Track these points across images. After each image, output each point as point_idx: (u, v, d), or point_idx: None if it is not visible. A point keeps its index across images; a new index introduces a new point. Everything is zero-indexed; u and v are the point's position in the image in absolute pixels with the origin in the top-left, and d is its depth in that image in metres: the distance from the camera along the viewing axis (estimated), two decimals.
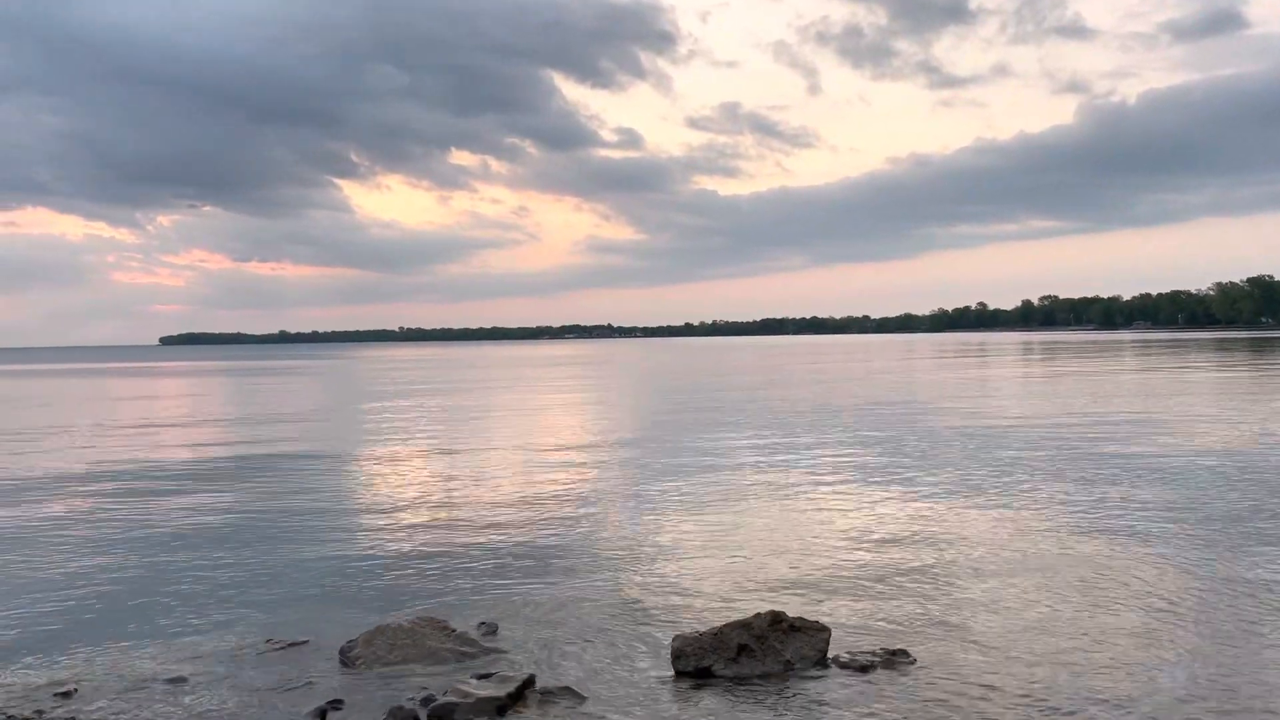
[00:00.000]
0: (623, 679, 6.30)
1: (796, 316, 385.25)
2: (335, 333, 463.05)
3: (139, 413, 32.41)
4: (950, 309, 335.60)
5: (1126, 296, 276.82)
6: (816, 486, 13.76)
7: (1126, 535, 10.13)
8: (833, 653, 6.57)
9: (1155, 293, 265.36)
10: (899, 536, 10.35)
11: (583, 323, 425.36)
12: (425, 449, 19.66)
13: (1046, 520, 10.98)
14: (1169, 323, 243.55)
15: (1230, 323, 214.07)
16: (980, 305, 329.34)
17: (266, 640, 7.23)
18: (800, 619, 6.69)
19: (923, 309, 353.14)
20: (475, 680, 6.12)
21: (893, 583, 8.48)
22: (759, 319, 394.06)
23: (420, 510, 12.54)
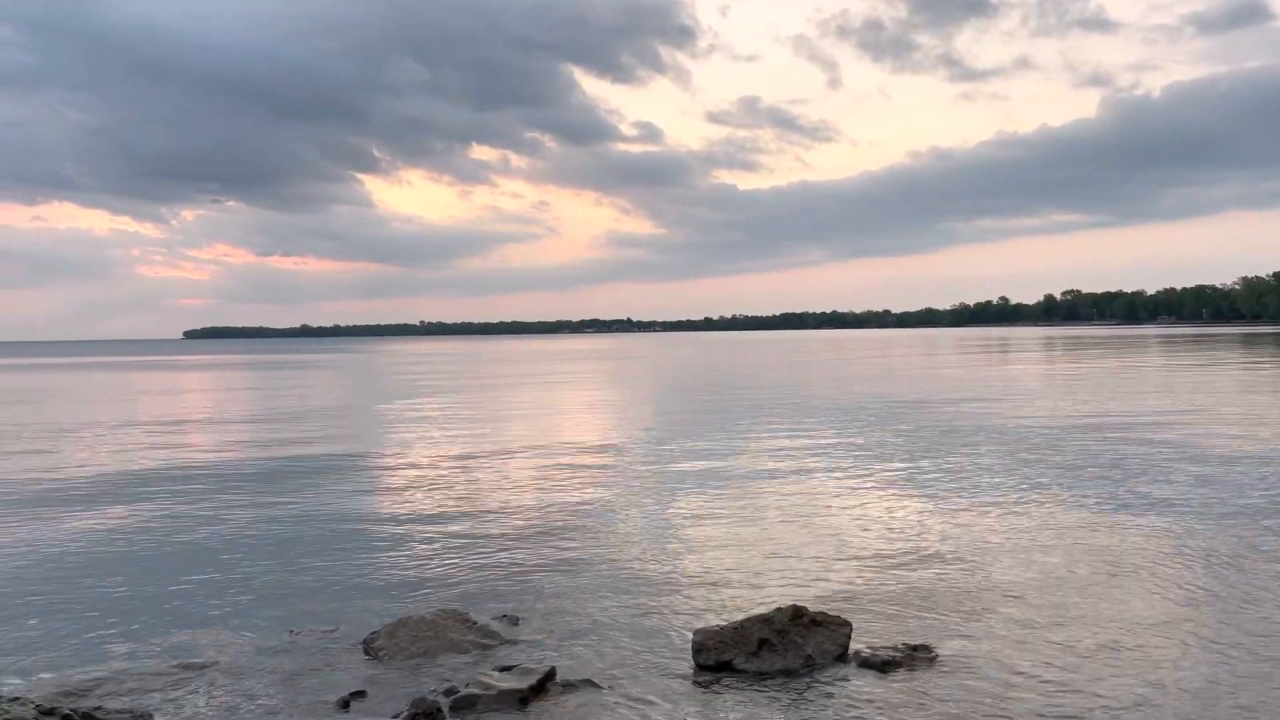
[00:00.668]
0: (643, 672, 6.32)
1: (816, 311, 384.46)
2: (356, 327, 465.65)
3: (166, 407, 32.73)
4: (971, 303, 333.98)
5: (1150, 291, 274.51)
6: (838, 481, 13.74)
7: (1153, 532, 10.06)
8: (854, 648, 6.57)
9: (1179, 287, 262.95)
10: (921, 531, 10.32)
11: (602, 317, 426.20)
12: (446, 443, 19.76)
13: (1071, 516, 10.92)
14: (1193, 318, 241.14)
15: (1256, 317, 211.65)
16: (1002, 300, 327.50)
17: (291, 631, 7.30)
18: (821, 613, 6.69)
19: (944, 303, 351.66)
20: (497, 672, 6.17)
21: (915, 578, 8.46)
22: (779, 313, 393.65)
23: (442, 503, 12.61)
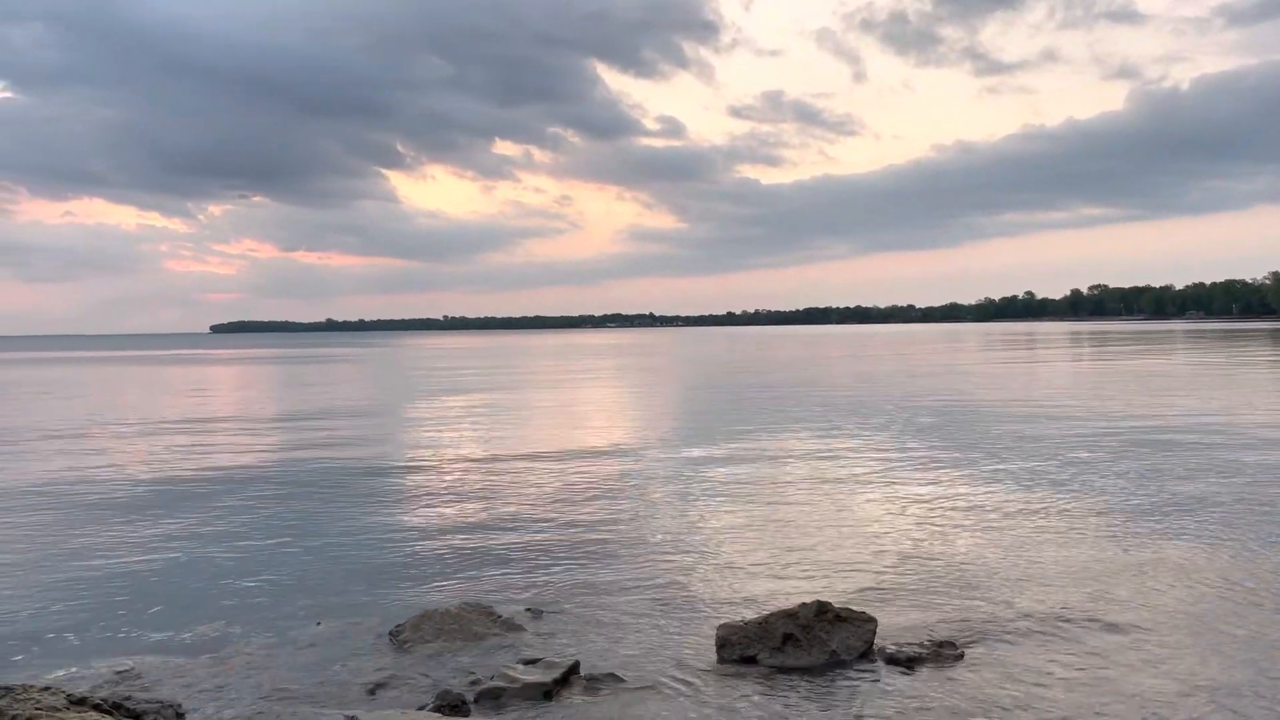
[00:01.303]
0: (667, 666, 6.32)
1: (840, 306, 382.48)
2: (380, 321, 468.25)
3: (195, 401, 33.05)
4: (997, 298, 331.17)
5: (1179, 286, 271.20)
6: (864, 477, 13.68)
7: (1181, 528, 9.95)
8: (879, 644, 6.53)
9: (1209, 282, 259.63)
10: (948, 528, 10.25)
11: (624, 311, 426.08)
12: (471, 437, 19.83)
13: (1099, 513, 10.82)
14: (1223, 312, 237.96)
15: None
16: (1028, 294, 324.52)
17: (318, 622, 7.35)
18: (846, 609, 6.66)
19: (969, 298, 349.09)
20: (521, 665, 6.18)
21: (941, 575, 8.41)
22: (802, 308, 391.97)
23: (466, 497, 12.66)
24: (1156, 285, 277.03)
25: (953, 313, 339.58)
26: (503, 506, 11.92)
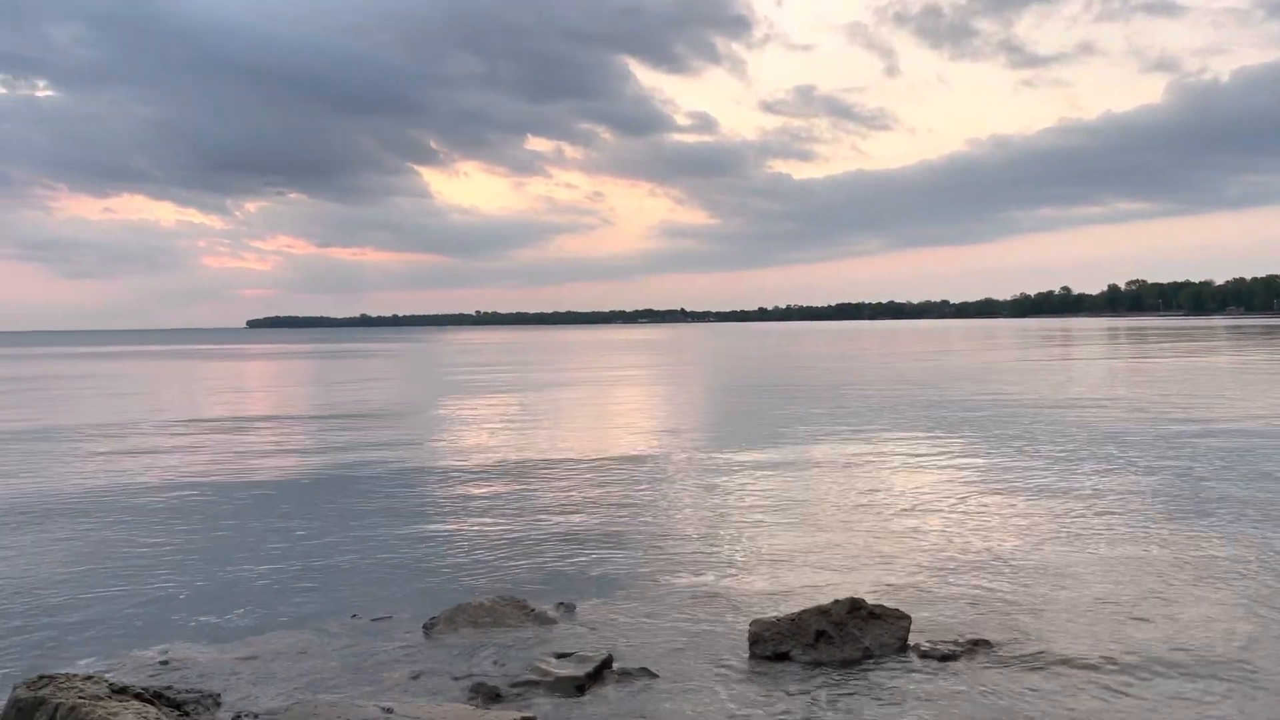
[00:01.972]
0: (700, 662, 6.32)
1: (873, 301, 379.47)
2: (413, 316, 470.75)
3: (233, 394, 33.47)
4: (1033, 294, 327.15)
5: (1219, 281, 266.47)
6: (899, 474, 13.60)
7: (1229, 530, 9.80)
8: (913, 641, 6.50)
9: (1249, 277, 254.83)
10: (985, 525, 10.17)
11: (656, 307, 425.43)
12: (503, 432, 19.93)
13: (1142, 511, 10.68)
14: (1264, 308, 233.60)
15: None
16: (1064, 290, 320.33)
17: (353, 615, 7.43)
18: (880, 606, 6.62)
19: (1004, 294, 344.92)
20: (554, 658, 6.21)
21: (976, 571, 8.34)
22: (834, 304, 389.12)
23: (500, 491, 12.73)
24: (1196, 280, 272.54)
25: (988, 308, 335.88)
26: (535, 500, 11.97)
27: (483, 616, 7.03)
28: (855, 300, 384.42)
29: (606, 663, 6.12)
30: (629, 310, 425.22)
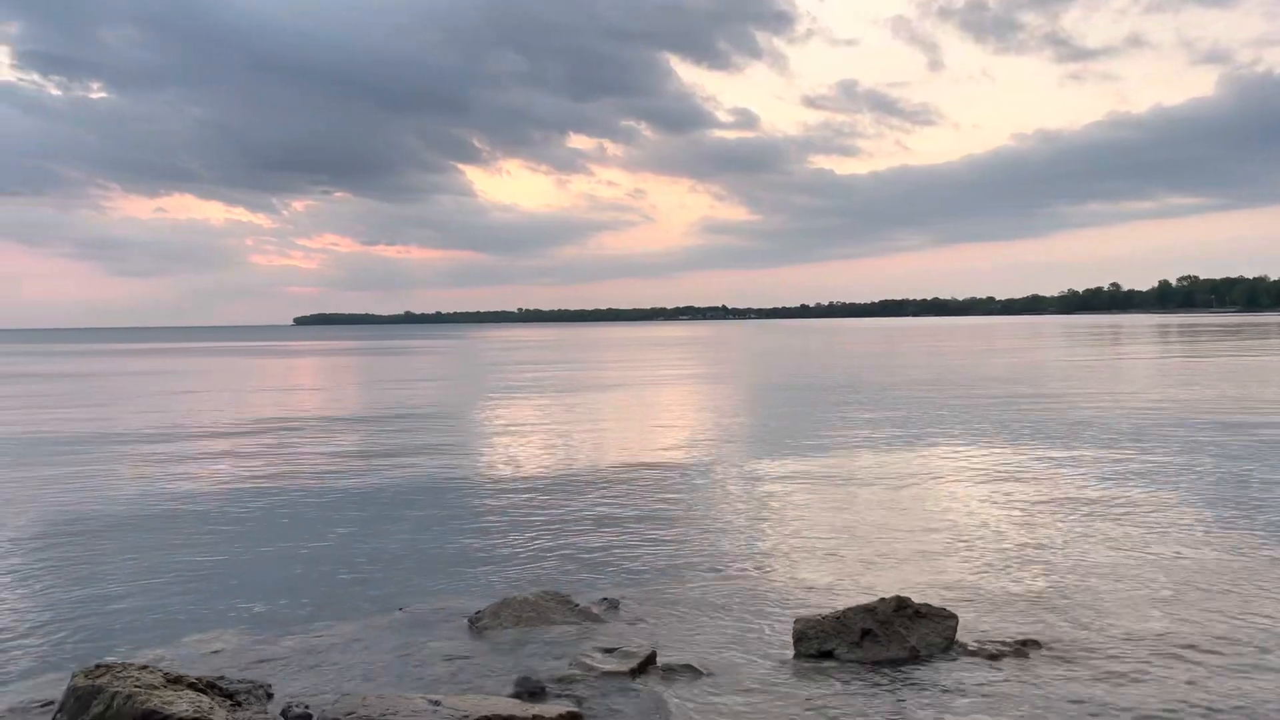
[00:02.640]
0: (744, 658, 6.31)
1: (917, 298, 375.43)
2: (456, 314, 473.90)
3: (281, 389, 33.96)
4: (1081, 290, 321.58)
5: (1273, 277, 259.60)
6: (945, 473, 13.46)
7: (1276, 530, 9.58)
8: (960, 640, 6.43)
9: None
10: (1032, 524, 10.03)
11: (697, 304, 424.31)
12: (548, 427, 20.02)
13: (1194, 512, 10.48)
14: None
15: None
16: (1113, 286, 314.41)
17: (399, 608, 7.51)
18: (926, 605, 6.56)
19: (1051, 290, 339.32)
20: (599, 653, 6.23)
21: (1024, 571, 8.24)
22: (877, 300, 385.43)
23: (544, 487, 12.79)
24: (1249, 276, 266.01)
25: (1034, 305, 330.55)
26: (579, 498, 12.01)
27: (527, 611, 7.07)
28: (898, 297, 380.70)
29: (651, 658, 6.13)
30: (670, 307, 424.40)
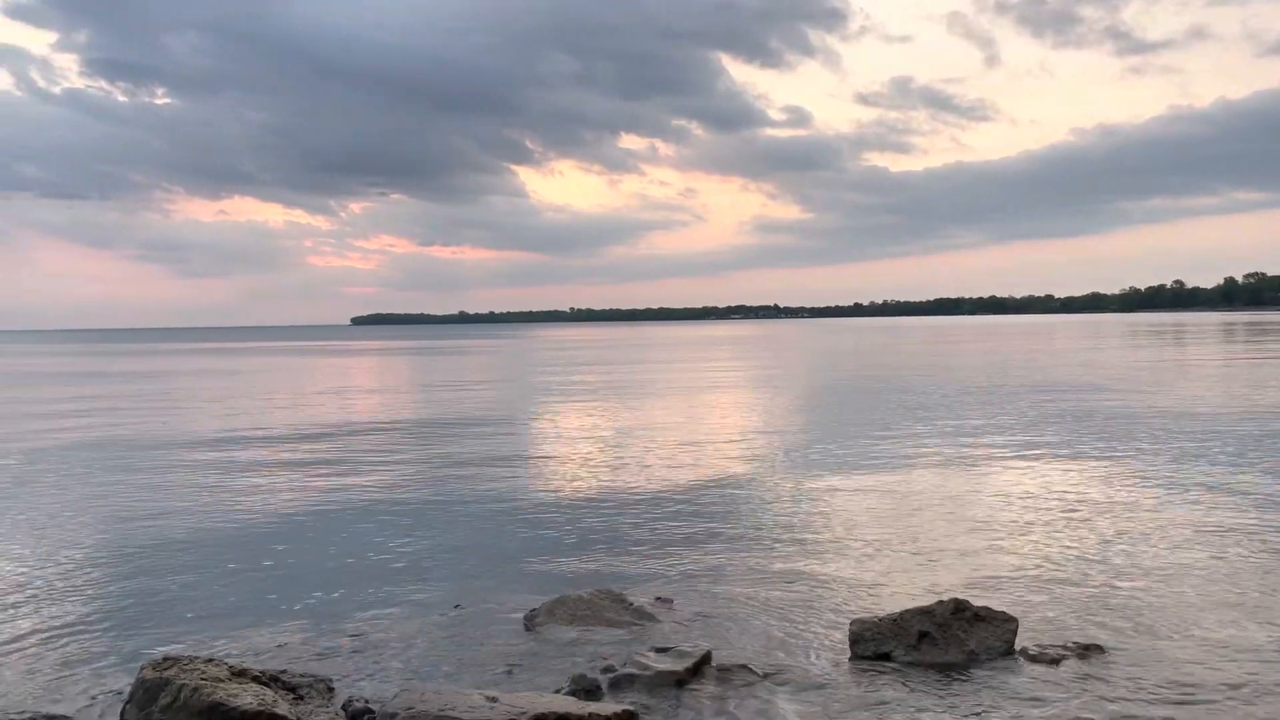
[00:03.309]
0: (799, 659, 6.27)
1: (973, 296, 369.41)
2: (509, 313, 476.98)
3: (342, 386, 34.50)
4: (1143, 288, 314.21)
5: None
6: (1006, 475, 13.25)
7: None
8: (1020, 644, 6.33)
9: None
10: (1095, 527, 9.84)
11: (749, 303, 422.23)
12: (602, 427, 20.08)
13: (1257, 515, 10.19)
14: None
15: None
16: (1177, 284, 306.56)
17: (455, 606, 7.59)
18: (985, 608, 6.47)
19: (1112, 288, 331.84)
20: (653, 653, 6.23)
21: (1086, 574, 8.08)
22: (933, 299, 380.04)
23: (599, 486, 12.84)
24: None
25: (1095, 303, 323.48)
26: (634, 497, 12.04)
27: (582, 609, 7.10)
28: (954, 295, 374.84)
29: (706, 658, 6.12)
30: (721, 306, 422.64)
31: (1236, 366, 36.62)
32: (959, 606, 6.40)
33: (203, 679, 5.02)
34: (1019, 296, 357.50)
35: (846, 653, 6.32)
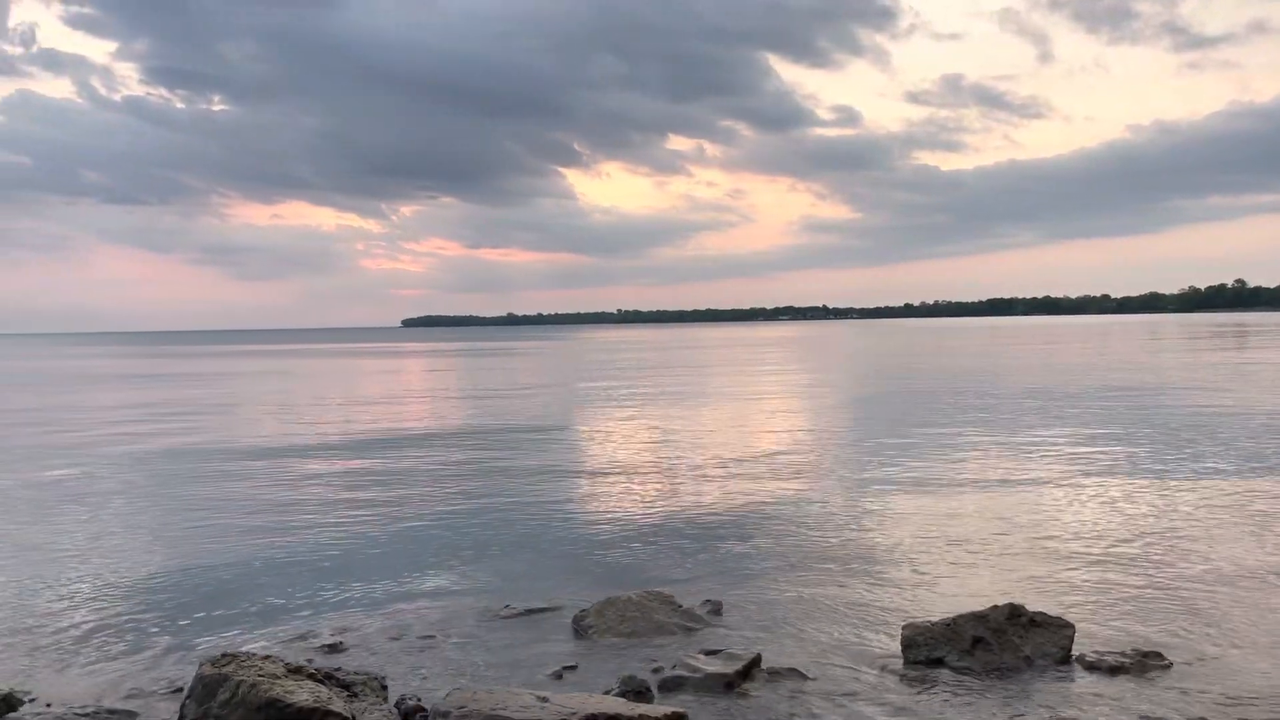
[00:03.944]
0: (850, 664, 6.22)
1: (1027, 296, 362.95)
2: (557, 315, 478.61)
3: (392, 387, 34.93)
4: (1202, 287, 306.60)
5: None
6: (1061, 479, 13.02)
7: None
8: (1077, 651, 6.21)
9: None
10: (1149, 530, 9.63)
11: (797, 304, 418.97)
12: (651, 429, 20.09)
13: None
14: None
15: None
16: (1238, 283, 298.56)
17: (505, 605, 7.63)
18: (1041, 614, 6.36)
19: (1170, 287, 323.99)
20: (703, 655, 6.22)
21: (1145, 580, 7.91)
22: (985, 299, 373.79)
23: (648, 489, 12.85)
24: None
25: (1152, 303, 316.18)
26: (683, 500, 12.02)
27: (631, 610, 7.10)
28: (1007, 295, 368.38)
29: (755, 662, 6.09)
30: (769, 307, 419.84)
31: None
32: (1014, 611, 6.30)
33: (260, 675, 5.10)
34: (1074, 297, 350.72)
35: (898, 658, 6.26)
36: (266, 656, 5.47)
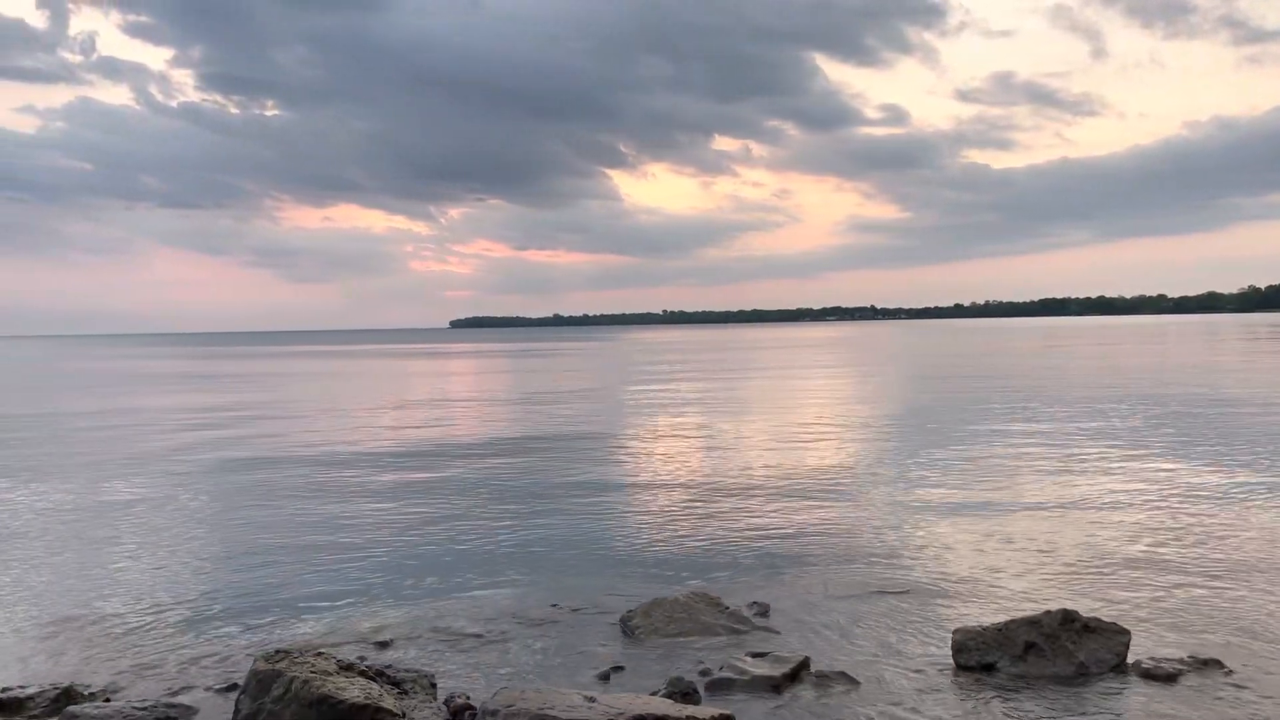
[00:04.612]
0: (900, 668, 6.15)
1: (1080, 296, 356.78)
2: (603, 316, 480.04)
3: (442, 387, 35.27)
4: (1263, 286, 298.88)
5: None
6: (1117, 484, 12.78)
7: None
8: (1133, 658, 6.09)
9: None
10: (1212, 535, 9.41)
11: (844, 304, 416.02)
12: (699, 429, 20.06)
13: None
14: None
15: None
16: None
17: (552, 605, 7.67)
18: (1095, 619, 6.24)
19: (1229, 287, 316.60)
20: (750, 658, 6.19)
21: (1204, 587, 7.72)
22: (1037, 299, 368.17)
23: (695, 489, 12.83)
24: None
25: (1210, 303, 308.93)
26: (730, 502, 11.99)
27: (678, 612, 7.09)
28: (1060, 295, 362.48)
29: (804, 664, 6.06)
30: (816, 308, 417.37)
31: None
32: (1068, 617, 6.19)
33: (312, 672, 5.18)
34: (1129, 296, 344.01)
35: (949, 663, 6.18)
36: (319, 653, 5.54)
